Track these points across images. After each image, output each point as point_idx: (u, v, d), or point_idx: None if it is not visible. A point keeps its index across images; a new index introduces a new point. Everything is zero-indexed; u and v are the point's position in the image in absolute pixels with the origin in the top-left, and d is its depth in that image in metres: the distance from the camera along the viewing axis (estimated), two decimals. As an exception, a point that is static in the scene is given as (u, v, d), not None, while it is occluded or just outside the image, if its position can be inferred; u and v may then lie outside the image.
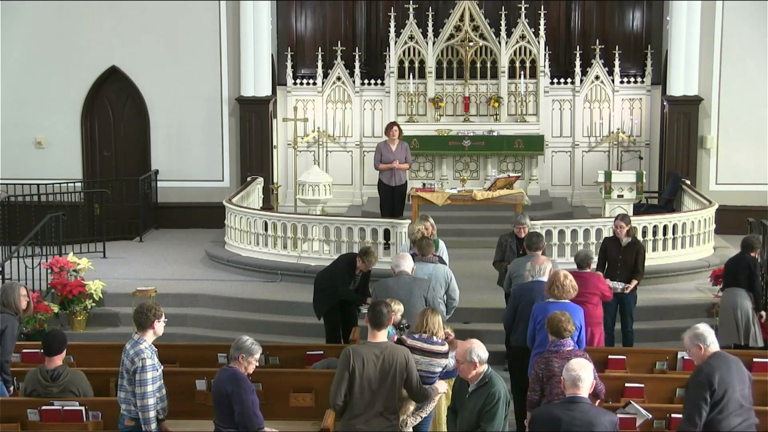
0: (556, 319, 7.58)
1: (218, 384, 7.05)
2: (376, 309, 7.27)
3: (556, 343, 7.52)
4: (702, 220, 13.99)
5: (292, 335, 12.18)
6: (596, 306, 10.07)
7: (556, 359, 7.36)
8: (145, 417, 7.13)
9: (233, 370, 7.06)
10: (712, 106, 16.77)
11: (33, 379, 7.92)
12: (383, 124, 16.50)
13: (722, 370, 6.68)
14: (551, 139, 17.58)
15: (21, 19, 17.07)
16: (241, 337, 7.21)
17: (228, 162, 17.30)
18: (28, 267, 12.82)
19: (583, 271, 10.18)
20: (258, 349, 7.12)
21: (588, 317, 9.87)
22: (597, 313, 10.09)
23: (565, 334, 7.50)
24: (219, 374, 7.13)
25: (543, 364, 7.43)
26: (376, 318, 7.23)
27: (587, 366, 6.32)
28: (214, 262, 14.57)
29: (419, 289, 9.20)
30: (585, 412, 6.19)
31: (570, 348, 7.50)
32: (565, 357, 7.23)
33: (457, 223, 15.25)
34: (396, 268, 9.36)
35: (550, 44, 17.65)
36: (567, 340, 7.52)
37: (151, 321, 7.25)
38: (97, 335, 12.50)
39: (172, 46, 17.12)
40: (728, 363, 6.79)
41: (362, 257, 10.61)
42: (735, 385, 6.69)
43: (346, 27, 18.25)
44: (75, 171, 17.30)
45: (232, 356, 7.11)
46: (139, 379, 7.10)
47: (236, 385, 6.94)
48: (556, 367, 7.24)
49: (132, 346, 7.21)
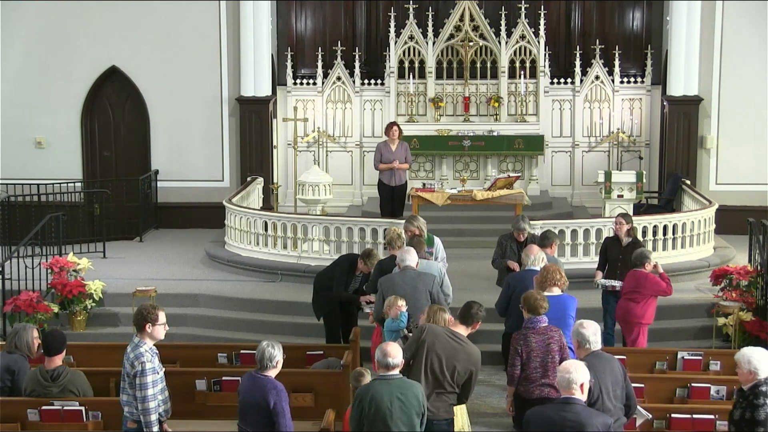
0: (532, 297, 8.03)
1: (254, 392, 6.94)
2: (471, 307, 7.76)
3: (532, 320, 7.96)
4: (702, 220, 13.99)
5: (292, 335, 12.17)
6: (645, 305, 10.21)
7: (533, 335, 7.88)
8: (146, 420, 7.12)
9: (271, 380, 6.97)
10: (712, 106, 16.77)
11: (33, 380, 7.93)
12: (383, 124, 16.51)
13: (597, 369, 6.87)
14: (551, 139, 17.58)
15: (21, 19, 17.07)
16: (264, 346, 7.06)
17: (228, 162, 17.30)
18: (28, 267, 12.81)
19: (638, 270, 10.28)
20: (280, 351, 7.09)
21: (632, 316, 10.06)
22: (642, 313, 10.22)
23: (541, 311, 7.94)
24: (253, 382, 7.01)
25: (522, 340, 7.92)
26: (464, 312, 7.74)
27: (580, 367, 6.32)
28: (214, 262, 14.57)
29: (424, 284, 9.24)
30: (577, 413, 6.19)
31: (545, 324, 7.95)
32: (541, 333, 7.86)
33: (457, 223, 15.26)
34: (401, 262, 9.39)
35: (550, 44, 17.66)
36: (542, 317, 7.95)
37: (144, 324, 7.19)
38: (97, 335, 12.50)
39: (172, 46, 17.12)
40: (603, 363, 7.01)
41: (364, 259, 10.60)
42: (608, 385, 6.95)
43: (346, 27, 18.25)
44: (75, 171, 17.30)
45: (264, 366, 7.01)
46: (139, 383, 7.09)
47: (277, 396, 6.90)
48: (534, 343, 7.86)
49: (132, 349, 7.20)
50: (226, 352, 9.54)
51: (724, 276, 12.33)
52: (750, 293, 11.98)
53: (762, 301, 11.71)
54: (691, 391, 8.62)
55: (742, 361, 6.73)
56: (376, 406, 6.69)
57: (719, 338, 11.71)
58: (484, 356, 11.45)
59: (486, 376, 11.16)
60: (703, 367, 9.31)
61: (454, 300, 10.07)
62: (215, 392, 8.60)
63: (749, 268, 12.48)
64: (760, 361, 6.66)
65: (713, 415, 7.78)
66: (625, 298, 10.34)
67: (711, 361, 9.31)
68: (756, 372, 6.65)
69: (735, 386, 8.62)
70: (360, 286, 10.79)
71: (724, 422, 7.69)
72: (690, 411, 7.91)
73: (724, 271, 12.49)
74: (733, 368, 9.10)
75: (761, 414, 6.52)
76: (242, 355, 9.41)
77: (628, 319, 10.29)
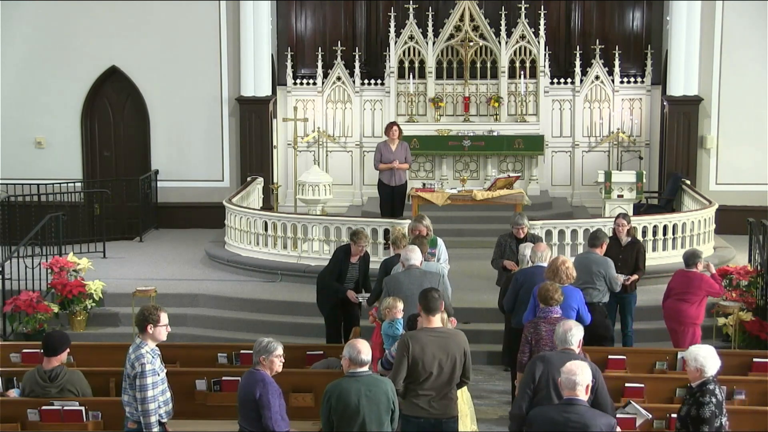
0: (544, 289, 8.38)
1: (245, 387, 7.00)
2: (428, 295, 7.50)
3: (545, 310, 8.30)
4: (702, 220, 13.99)
5: (292, 335, 12.17)
6: (696, 306, 10.24)
7: (543, 324, 8.21)
8: (146, 421, 7.12)
9: (260, 373, 6.99)
10: (712, 106, 16.77)
11: (31, 380, 7.93)
12: (383, 124, 16.51)
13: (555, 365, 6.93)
14: (551, 139, 17.58)
15: (21, 19, 17.07)
16: (260, 340, 7.14)
17: (228, 162, 17.30)
18: (28, 267, 12.81)
19: (689, 270, 10.30)
20: (277, 346, 7.07)
21: (687, 317, 10.12)
22: (697, 314, 10.26)
23: (552, 302, 8.27)
24: (246, 377, 7.07)
25: (532, 329, 8.28)
26: (428, 303, 7.48)
27: (584, 369, 6.31)
28: (214, 262, 14.56)
29: (430, 283, 9.21)
30: (581, 414, 6.17)
31: (557, 315, 8.25)
32: (552, 323, 8.05)
33: (457, 223, 15.26)
34: (406, 261, 9.39)
35: (550, 44, 17.65)
36: (556, 308, 8.30)
37: (145, 325, 7.18)
38: (97, 335, 12.50)
39: (172, 46, 17.12)
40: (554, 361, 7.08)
41: (353, 239, 10.68)
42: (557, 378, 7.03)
43: (346, 27, 18.25)
44: (75, 171, 17.30)
45: (255, 360, 7.05)
46: (139, 384, 7.08)
47: (263, 388, 6.91)
48: (543, 332, 8.17)
49: (134, 350, 7.19)
50: (226, 352, 9.54)
51: (724, 276, 12.32)
52: (750, 293, 11.99)
53: (762, 301, 11.72)
54: (691, 391, 8.60)
55: (689, 359, 6.79)
56: (344, 403, 6.70)
57: (719, 338, 11.71)
58: (484, 356, 11.55)
59: (486, 376, 11.17)
60: (703, 367, 9.29)
61: (454, 300, 10.08)
62: (215, 392, 8.59)
63: (749, 268, 12.49)
64: (706, 358, 6.71)
65: (713, 415, 7.76)
66: (676, 299, 10.34)
67: (711, 361, 9.29)
68: (703, 369, 6.71)
69: (735, 386, 8.65)
70: (359, 275, 10.80)
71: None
72: (690, 411, 7.89)
73: (724, 271, 12.48)
74: (733, 368, 9.15)
75: (706, 412, 6.60)
76: (242, 355, 9.41)
77: (682, 320, 10.29)
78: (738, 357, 9.52)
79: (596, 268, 10.25)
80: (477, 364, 11.36)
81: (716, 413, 6.59)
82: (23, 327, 12.30)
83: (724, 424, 6.66)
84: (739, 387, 8.66)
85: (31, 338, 11.71)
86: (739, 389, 8.63)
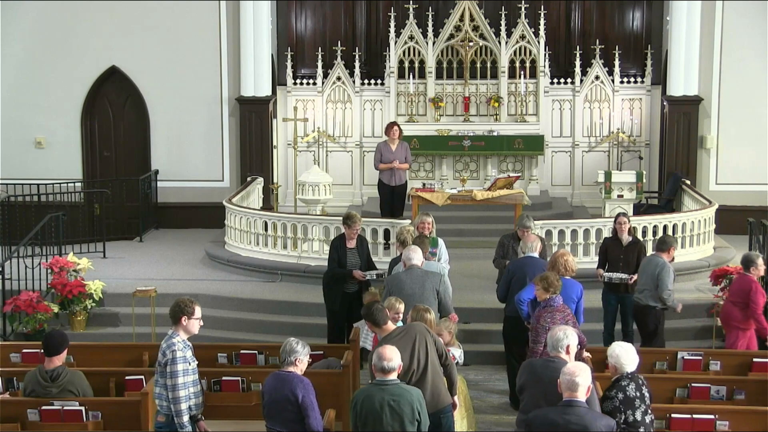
0: (545, 275, 8.63)
1: (279, 389, 6.92)
2: (371, 309, 7.52)
3: (552, 299, 8.54)
4: (702, 220, 13.99)
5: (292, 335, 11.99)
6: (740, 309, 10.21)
7: (556, 312, 8.46)
8: (176, 409, 7.14)
9: (296, 375, 6.96)
10: (712, 106, 16.76)
11: (32, 380, 7.92)
12: (383, 124, 16.50)
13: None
14: (551, 139, 17.58)
15: (21, 19, 17.07)
16: (288, 340, 7.12)
17: (228, 162, 17.30)
18: (28, 267, 12.82)
19: (747, 275, 10.30)
20: (306, 345, 7.12)
21: (730, 319, 10.34)
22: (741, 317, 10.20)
23: (551, 289, 8.52)
24: (277, 379, 6.99)
25: (548, 318, 8.42)
26: (375, 317, 7.51)
27: (584, 370, 6.31)
28: (214, 262, 14.57)
29: (431, 283, 9.25)
30: (581, 416, 6.18)
31: (561, 303, 8.56)
32: (560, 310, 8.46)
33: (457, 223, 15.25)
34: (407, 261, 9.42)
35: (550, 44, 17.66)
36: (555, 298, 8.54)
37: (180, 316, 7.29)
38: (97, 335, 12.50)
39: (172, 46, 17.12)
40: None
41: (347, 222, 10.73)
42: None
43: (346, 27, 18.25)
44: (75, 171, 17.30)
45: (287, 361, 7.00)
46: (169, 371, 7.13)
47: (305, 390, 6.89)
48: (559, 320, 8.33)
49: (165, 339, 7.29)
50: (226, 352, 9.53)
51: (724, 276, 12.32)
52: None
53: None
54: (691, 391, 8.61)
55: (609, 356, 7.01)
56: (366, 411, 6.67)
57: (719, 338, 11.69)
58: (484, 356, 11.55)
59: (486, 375, 11.17)
60: (703, 367, 9.30)
61: (454, 300, 10.08)
62: (215, 392, 8.59)
63: (749, 268, 12.47)
64: (621, 356, 6.93)
65: (713, 415, 7.76)
66: (730, 301, 10.42)
67: (711, 361, 9.30)
68: (617, 366, 6.92)
69: (735, 386, 8.64)
70: (360, 260, 10.84)
71: (725, 422, 7.70)
72: (690, 411, 7.89)
73: (724, 271, 12.48)
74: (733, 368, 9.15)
75: (609, 405, 6.80)
76: (242, 355, 9.40)
77: (729, 322, 10.34)
78: (738, 357, 9.51)
79: (657, 270, 10.32)
80: (477, 364, 11.39)
81: (621, 408, 6.75)
82: (23, 327, 12.31)
83: (639, 419, 6.78)
84: (739, 387, 8.65)
85: (31, 338, 11.72)
86: (739, 389, 8.63)
